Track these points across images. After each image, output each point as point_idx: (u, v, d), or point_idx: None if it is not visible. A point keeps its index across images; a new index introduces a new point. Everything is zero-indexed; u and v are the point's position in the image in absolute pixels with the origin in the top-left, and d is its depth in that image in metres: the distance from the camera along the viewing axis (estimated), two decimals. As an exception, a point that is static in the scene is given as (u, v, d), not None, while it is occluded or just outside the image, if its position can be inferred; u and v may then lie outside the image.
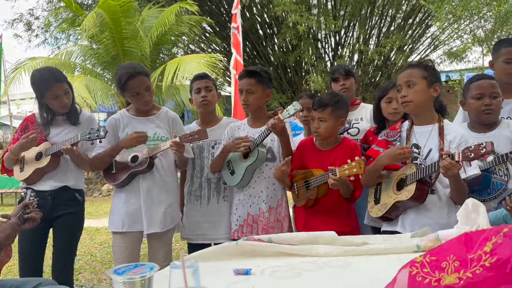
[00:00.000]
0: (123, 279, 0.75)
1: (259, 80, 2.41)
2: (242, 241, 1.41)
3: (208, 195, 2.60)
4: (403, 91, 1.95)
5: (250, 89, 2.40)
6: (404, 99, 1.94)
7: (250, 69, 2.51)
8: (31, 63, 9.01)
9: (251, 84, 2.40)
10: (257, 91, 2.41)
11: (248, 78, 2.42)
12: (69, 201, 2.57)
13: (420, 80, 1.92)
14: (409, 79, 1.93)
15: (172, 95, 9.49)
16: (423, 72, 1.94)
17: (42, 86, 2.50)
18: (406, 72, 1.97)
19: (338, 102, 2.24)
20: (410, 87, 1.93)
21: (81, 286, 3.71)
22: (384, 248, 1.36)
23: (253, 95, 2.41)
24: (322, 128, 2.21)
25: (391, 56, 11.29)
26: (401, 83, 1.96)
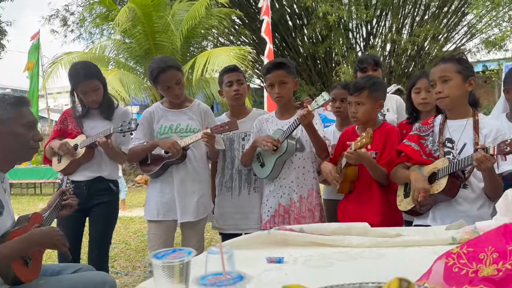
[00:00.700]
0: (163, 263, 0.78)
1: (288, 70, 2.41)
2: (274, 230, 1.43)
3: (239, 186, 2.64)
4: (437, 87, 1.89)
5: (282, 81, 2.40)
6: (440, 95, 1.89)
7: (278, 61, 2.49)
8: (67, 57, 9.31)
9: (282, 75, 2.40)
10: (289, 82, 2.42)
11: (278, 70, 2.40)
12: (103, 191, 2.67)
13: (455, 74, 1.87)
14: (444, 74, 1.88)
15: (202, 88, 9.60)
16: (458, 66, 1.88)
17: (73, 81, 2.61)
18: (440, 67, 1.92)
19: (375, 84, 2.21)
20: (445, 82, 1.88)
21: (116, 273, 3.84)
22: (418, 239, 1.35)
23: (286, 86, 2.41)
24: (360, 112, 2.18)
25: (425, 46, 10.96)
26: (435, 78, 1.91)
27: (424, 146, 1.99)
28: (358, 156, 2.04)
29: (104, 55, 10.08)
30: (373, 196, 2.15)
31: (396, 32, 10.80)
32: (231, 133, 2.61)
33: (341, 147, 2.30)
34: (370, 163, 2.10)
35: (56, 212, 2.01)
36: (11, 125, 1.67)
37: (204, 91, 9.62)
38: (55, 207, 2.01)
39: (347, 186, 2.24)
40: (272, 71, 2.42)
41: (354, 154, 2.03)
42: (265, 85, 2.51)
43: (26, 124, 1.73)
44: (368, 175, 2.14)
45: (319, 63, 11.66)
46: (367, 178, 2.16)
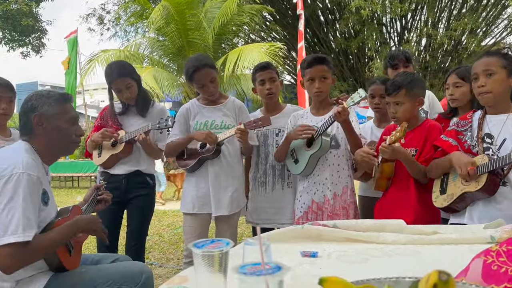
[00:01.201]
0: (203, 252, 0.81)
1: (328, 66, 2.41)
2: (307, 225, 1.44)
3: (273, 182, 2.66)
4: (480, 80, 1.83)
5: (324, 75, 2.38)
6: (482, 89, 1.83)
7: (319, 56, 2.47)
8: (103, 55, 9.62)
9: (324, 70, 2.38)
10: (329, 77, 2.41)
11: (320, 65, 2.39)
12: (141, 184, 2.76)
13: (500, 69, 1.80)
14: (488, 67, 1.82)
15: (233, 85, 9.68)
16: (503, 61, 1.81)
17: (108, 78, 2.73)
18: (484, 60, 1.85)
19: (412, 81, 2.15)
20: (488, 76, 1.81)
21: (151, 265, 3.96)
22: (455, 238, 1.33)
23: (326, 82, 2.40)
24: (400, 112, 2.13)
25: (462, 40, 10.62)
26: (478, 71, 1.84)
27: (462, 142, 1.94)
28: (393, 150, 2.01)
29: (139, 52, 10.34)
30: (410, 194, 2.10)
31: (432, 26, 10.51)
32: (264, 128, 2.64)
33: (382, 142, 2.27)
34: (406, 159, 2.05)
35: (92, 206, 2.11)
36: (56, 120, 1.76)
37: (235, 87, 9.71)
38: (91, 202, 2.11)
39: (384, 183, 2.20)
40: (313, 66, 2.39)
41: (388, 148, 2.00)
42: (304, 79, 2.47)
43: (69, 119, 1.81)
44: (405, 172, 2.10)
45: (351, 59, 11.51)
46: (404, 175, 2.12)
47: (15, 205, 1.51)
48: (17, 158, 1.60)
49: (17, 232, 1.48)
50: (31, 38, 15.37)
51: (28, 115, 1.73)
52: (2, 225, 1.49)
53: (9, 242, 1.47)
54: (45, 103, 1.74)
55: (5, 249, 1.48)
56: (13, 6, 14.26)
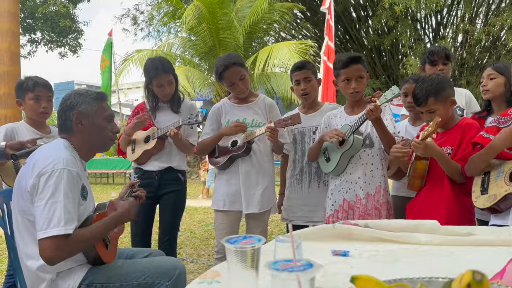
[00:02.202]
0: (235, 248, 0.83)
1: (363, 64, 2.38)
2: (338, 224, 1.44)
3: (309, 180, 2.67)
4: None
5: (360, 75, 2.35)
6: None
7: (355, 55, 2.41)
8: (137, 55, 9.85)
9: (360, 70, 2.35)
10: (365, 76, 2.38)
11: (356, 64, 2.35)
12: (173, 180, 2.83)
13: None
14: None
15: (263, 83, 9.70)
16: None
17: (150, 74, 2.77)
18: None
19: (437, 86, 2.09)
20: None
21: (183, 260, 4.04)
22: (492, 239, 1.29)
23: (362, 81, 2.38)
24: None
25: (501, 36, 10.20)
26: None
27: None
28: (425, 146, 1.96)
29: (171, 52, 10.53)
30: (444, 194, 2.04)
31: (469, 22, 10.16)
32: (301, 126, 2.64)
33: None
34: (439, 155, 2.00)
35: None
36: (94, 118, 1.83)
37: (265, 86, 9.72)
38: (126, 198, 2.17)
39: (418, 182, 2.14)
40: (349, 65, 2.35)
41: (421, 144, 1.96)
42: (338, 79, 2.43)
43: (106, 117, 1.88)
44: (440, 170, 2.04)
45: (384, 56, 11.29)
46: (439, 174, 2.06)
47: (57, 200, 1.58)
48: (58, 155, 1.67)
49: (59, 225, 1.55)
50: (68, 39, 15.95)
51: (67, 113, 1.80)
52: (46, 219, 1.56)
53: (52, 235, 1.54)
54: (83, 102, 1.81)
55: (48, 241, 1.55)
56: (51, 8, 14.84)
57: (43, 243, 1.56)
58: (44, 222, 1.56)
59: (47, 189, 1.59)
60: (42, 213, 1.57)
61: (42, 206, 1.58)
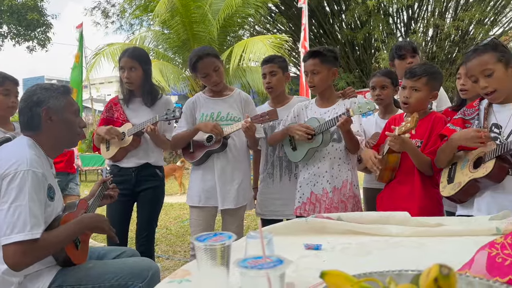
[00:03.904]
0: (205, 245, 0.82)
1: (323, 60, 2.38)
2: (311, 218, 1.44)
3: (280, 173, 2.68)
4: (482, 82, 1.77)
5: (314, 70, 2.39)
6: (486, 90, 1.77)
7: (313, 50, 2.48)
8: (109, 49, 9.62)
9: (315, 64, 2.38)
10: (322, 71, 2.39)
11: (312, 59, 2.39)
12: (150, 176, 2.78)
13: (496, 64, 1.74)
14: (485, 68, 1.75)
15: (238, 77, 9.66)
16: (495, 54, 1.75)
17: (119, 57, 2.74)
18: (477, 60, 1.78)
19: (435, 73, 2.14)
20: (489, 76, 1.75)
21: (158, 257, 3.99)
22: (460, 229, 1.32)
23: (318, 76, 2.39)
24: (413, 98, 2.11)
25: (470, 30, 10.48)
26: (476, 73, 1.78)
27: None
28: (402, 141, 1.98)
29: (144, 45, 10.33)
30: (414, 186, 2.09)
31: (439, 17, 10.38)
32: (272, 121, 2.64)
33: (385, 135, 2.25)
34: (413, 150, 2.03)
35: (98, 200, 2.11)
36: (64, 113, 1.75)
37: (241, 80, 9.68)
38: (97, 196, 2.11)
39: (388, 174, 2.18)
40: (307, 60, 2.43)
41: (398, 139, 1.97)
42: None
43: (74, 111, 1.81)
44: (410, 163, 2.08)
45: (357, 50, 11.42)
46: (409, 167, 2.10)
47: (21, 203, 1.51)
48: (21, 155, 1.60)
49: (25, 230, 1.49)
50: (36, 33, 15.43)
51: (34, 109, 1.70)
52: (10, 223, 1.49)
53: (17, 240, 1.48)
54: (51, 96, 1.73)
55: (13, 247, 1.48)
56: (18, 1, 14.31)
57: (7, 249, 1.49)
58: (8, 226, 1.49)
59: (10, 192, 1.52)
60: (6, 217, 1.50)
61: (6, 210, 1.51)
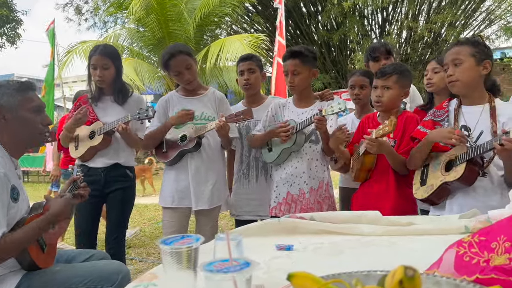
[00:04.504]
0: (171, 249, 0.79)
1: (303, 60, 2.38)
2: (284, 218, 1.43)
3: (256, 174, 2.66)
4: (449, 70, 1.83)
5: (295, 70, 2.37)
6: (451, 78, 1.82)
7: (294, 50, 2.46)
8: (82, 46, 9.39)
9: (296, 65, 2.37)
10: (303, 72, 2.38)
11: (293, 59, 2.38)
12: (120, 177, 2.71)
13: (468, 57, 1.79)
14: (456, 57, 1.81)
15: (215, 77, 9.60)
16: (472, 49, 1.80)
17: (89, 55, 2.66)
18: (453, 49, 1.85)
19: (405, 71, 2.18)
20: (456, 66, 1.81)
21: (131, 259, 3.91)
22: (430, 228, 1.33)
23: (298, 76, 2.38)
24: (386, 97, 2.13)
25: (442, 33, 10.74)
26: (448, 61, 1.84)
27: None
28: (379, 145, 1.99)
29: (118, 43, 10.13)
30: (389, 186, 2.11)
31: (413, 19, 10.59)
32: (247, 121, 2.62)
33: (360, 134, 2.26)
34: (390, 152, 2.05)
35: None
36: (19, 111, 1.68)
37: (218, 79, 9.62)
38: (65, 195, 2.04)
39: (364, 174, 2.20)
40: (287, 59, 2.41)
41: (375, 142, 1.97)
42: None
43: (33, 108, 1.73)
44: (385, 164, 2.10)
45: (333, 51, 11.53)
46: (384, 167, 2.12)
47: None
48: None
49: None
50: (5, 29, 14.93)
51: None
52: None
53: None
54: (4, 94, 1.66)
55: None
56: (-14, -4, 13.83)
57: None
58: None
59: None
60: None
61: None
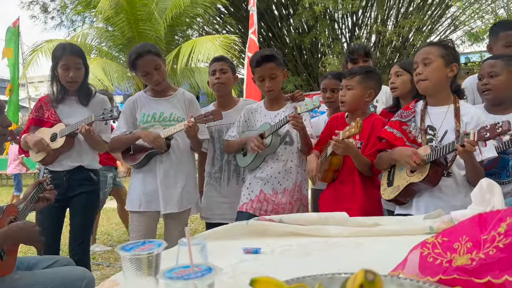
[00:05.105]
0: (130, 255, 0.76)
1: (277, 62, 2.38)
2: (253, 221, 1.41)
3: (228, 177, 2.64)
4: (418, 69, 1.88)
5: (273, 74, 2.37)
6: (419, 77, 1.88)
7: (267, 54, 2.43)
8: (47, 45, 9.09)
9: (273, 68, 2.36)
10: (279, 75, 2.39)
11: (269, 63, 2.36)
12: (84, 180, 2.62)
13: (437, 58, 1.85)
14: (426, 56, 1.87)
15: (187, 77, 9.49)
16: (442, 50, 1.87)
17: (57, 54, 2.55)
18: (424, 49, 1.91)
19: (369, 72, 2.21)
20: (426, 65, 1.86)
21: (98, 265, 3.80)
22: (396, 229, 1.34)
23: (276, 80, 2.38)
24: (348, 96, 2.17)
25: (410, 37, 11.01)
26: (418, 60, 1.90)
27: (406, 132, 1.97)
28: (346, 146, 2.02)
29: (86, 43, 9.87)
30: (355, 186, 2.14)
31: (382, 23, 10.81)
32: (219, 123, 2.59)
33: (328, 134, 2.28)
34: (355, 154, 2.08)
35: (32, 204, 1.96)
36: None
37: (189, 80, 9.53)
38: (31, 199, 1.95)
39: (330, 175, 2.23)
40: (262, 64, 2.37)
41: (342, 143, 2.00)
42: (254, 77, 2.46)
43: None
44: (351, 165, 2.13)
45: (305, 54, 11.62)
46: (351, 168, 2.15)
47: None
48: None
49: None
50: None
51: None
52: None
53: None
54: None
55: None
56: None
57: None
58: None
59: None
60: None
61: None
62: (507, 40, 2.35)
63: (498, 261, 0.79)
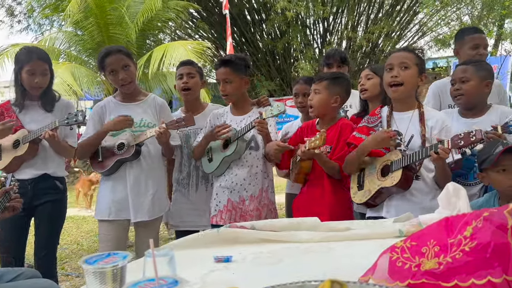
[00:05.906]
0: (94, 269, 0.73)
1: (234, 68, 2.37)
2: (224, 228, 1.39)
3: (196, 183, 2.60)
4: (395, 71, 1.90)
5: (226, 79, 2.38)
6: (396, 79, 1.90)
7: (224, 58, 2.48)
8: (13, 49, 8.78)
9: (227, 73, 2.37)
10: (234, 80, 2.38)
11: (224, 67, 2.37)
12: (49, 189, 2.53)
13: (413, 65, 1.90)
14: (405, 61, 1.90)
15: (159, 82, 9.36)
16: (417, 59, 1.93)
17: (22, 59, 2.47)
18: (402, 53, 1.95)
19: (337, 78, 2.24)
20: (404, 69, 1.89)
21: (67, 275, 3.68)
22: (366, 233, 1.36)
23: (230, 85, 2.38)
24: (315, 100, 2.19)
25: (379, 43, 11.27)
26: (394, 62, 1.91)
27: None
28: (310, 155, 2.06)
29: (55, 47, 9.59)
30: (325, 190, 2.17)
31: (352, 29, 11.01)
32: (187, 128, 2.56)
33: (298, 139, 2.30)
34: (323, 161, 2.12)
35: None
36: None
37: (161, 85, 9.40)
38: None
39: (302, 177, 2.26)
40: (218, 68, 2.41)
41: (306, 153, 2.05)
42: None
43: None
44: (320, 168, 2.16)
45: (278, 59, 11.70)
46: (320, 171, 2.18)
47: None
48: None
49: None
50: None
51: None
52: None
53: None
54: None
55: None
56: None
57: None
58: None
59: None
60: None
61: None
62: (473, 42, 2.46)
63: (464, 264, 0.80)
